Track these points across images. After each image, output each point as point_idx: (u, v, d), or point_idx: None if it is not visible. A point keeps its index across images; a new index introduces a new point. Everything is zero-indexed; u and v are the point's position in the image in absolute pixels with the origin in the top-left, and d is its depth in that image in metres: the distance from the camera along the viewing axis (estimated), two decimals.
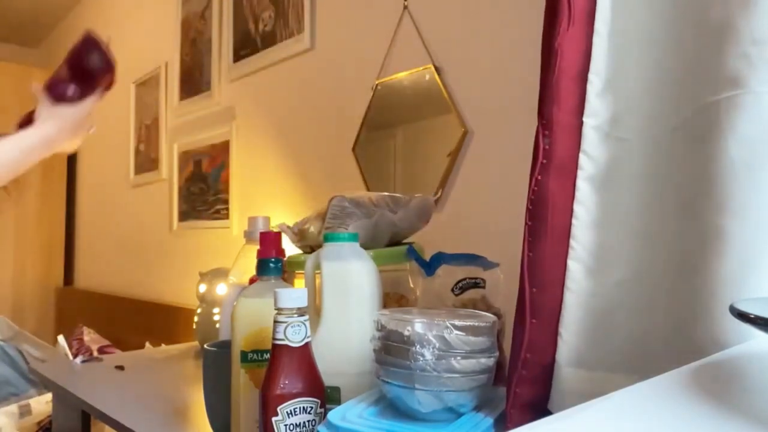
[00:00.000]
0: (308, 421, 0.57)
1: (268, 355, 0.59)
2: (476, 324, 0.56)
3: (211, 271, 1.40)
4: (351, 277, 0.69)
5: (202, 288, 1.37)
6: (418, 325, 0.54)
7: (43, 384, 1.79)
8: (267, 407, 0.56)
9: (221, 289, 1.32)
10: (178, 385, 1.11)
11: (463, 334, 0.54)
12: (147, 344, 1.83)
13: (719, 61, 0.50)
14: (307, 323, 0.58)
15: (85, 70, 0.97)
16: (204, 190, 2.08)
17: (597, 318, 0.57)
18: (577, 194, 0.58)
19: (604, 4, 0.57)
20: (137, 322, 2.32)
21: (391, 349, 0.56)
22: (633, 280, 0.56)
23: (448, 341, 0.54)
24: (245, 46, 1.86)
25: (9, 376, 1.88)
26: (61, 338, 1.96)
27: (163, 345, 1.64)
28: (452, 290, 0.80)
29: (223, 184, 1.97)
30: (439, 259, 0.80)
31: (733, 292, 0.47)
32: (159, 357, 1.39)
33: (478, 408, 0.59)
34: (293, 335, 0.57)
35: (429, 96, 1.26)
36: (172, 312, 2.09)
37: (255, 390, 0.65)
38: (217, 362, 0.75)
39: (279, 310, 0.58)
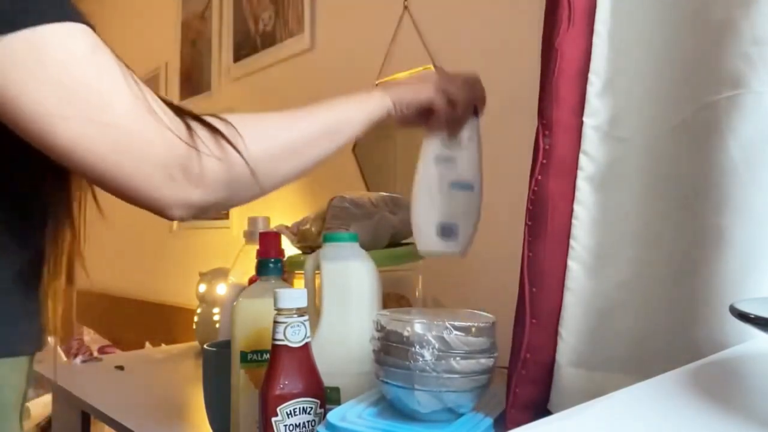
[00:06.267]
0: (308, 421, 0.57)
1: (268, 355, 0.59)
2: (476, 324, 0.55)
3: (211, 271, 1.40)
4: (351, 277, 0.69)
5: (202, 288, 1.37)
6: (417, 326, 0.54)
7: (39, 384, 1.79)
8: (267, 407, 0.56)
9: (221, 289, 1.32)
10: (178, 385, 1.11)
11: (463, 334, 0.54)
12: (147, 344, 1.83)
13: (719, 60, 0.50)
14: (307, 323, 0.58)
15: None
16: None
17: (597, 318, 0.57)
18: (577, 194, 0.58)
19: (604, 4, 0.57)
20: (137, 322, 2.32)
21: (391, 350, 0.56)
22: (633, 280, 0.56)
23: (448, 342, 0.54)
24: (245, 46, 1.86)
25: None
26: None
27: (163, 345, 1.64)
28: None
29: None
30: None
31: (733, 292, 0.47)
32: (159, 357, 1.39)
33: (477, 408, 0.59)
34: (293, 335, 0.57)
35: None
36: (172, 312, 2.09)
37: (255, 390, 0.65)
38: (217, 362, 0.75)
39: (279, 311, 0.58)
